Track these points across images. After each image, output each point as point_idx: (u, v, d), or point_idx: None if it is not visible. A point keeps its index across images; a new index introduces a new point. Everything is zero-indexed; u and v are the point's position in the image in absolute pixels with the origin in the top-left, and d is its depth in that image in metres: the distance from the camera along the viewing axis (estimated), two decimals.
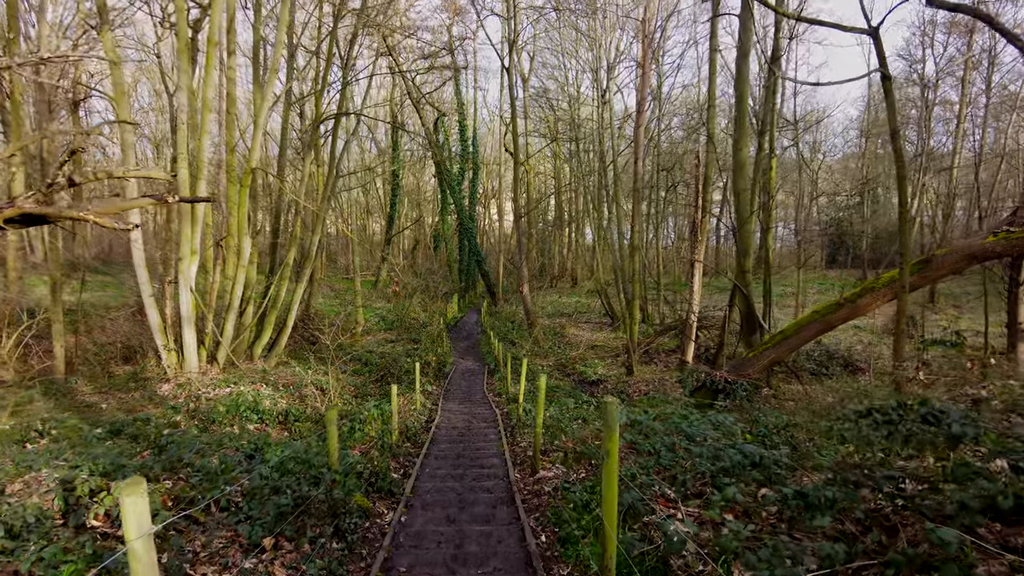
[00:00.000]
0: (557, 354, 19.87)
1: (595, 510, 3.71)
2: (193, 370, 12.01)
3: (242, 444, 5.59)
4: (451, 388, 13.59)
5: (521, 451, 7.20)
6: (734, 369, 8.53)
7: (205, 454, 4.79)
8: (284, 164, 17.65)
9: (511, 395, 11.51)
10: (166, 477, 4.07)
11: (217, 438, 6.26)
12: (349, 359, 18.71)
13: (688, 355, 14.76)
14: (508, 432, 8.28)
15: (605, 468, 2.68)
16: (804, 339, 8.39)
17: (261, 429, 9.19)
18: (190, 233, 11.19)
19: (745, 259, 9.46)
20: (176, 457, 4.40)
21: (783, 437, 4.29)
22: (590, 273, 46.79)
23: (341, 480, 4.31)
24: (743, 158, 9.45)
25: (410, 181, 48.02)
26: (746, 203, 9.53)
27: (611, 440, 2.62)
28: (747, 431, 4.60)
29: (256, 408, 9.56)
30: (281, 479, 3.99)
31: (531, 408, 8.88)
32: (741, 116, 9.47)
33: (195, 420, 8.78)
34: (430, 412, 10.30)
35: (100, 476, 3.56)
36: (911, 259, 7.63)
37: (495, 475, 5.99)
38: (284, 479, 3.98)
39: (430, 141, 30.33)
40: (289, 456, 4.44)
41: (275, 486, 3.88)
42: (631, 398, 12.46)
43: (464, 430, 8.60)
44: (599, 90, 26.89)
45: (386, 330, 26.27)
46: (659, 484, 3.54)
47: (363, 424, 7.53)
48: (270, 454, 4.66)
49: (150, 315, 11.76)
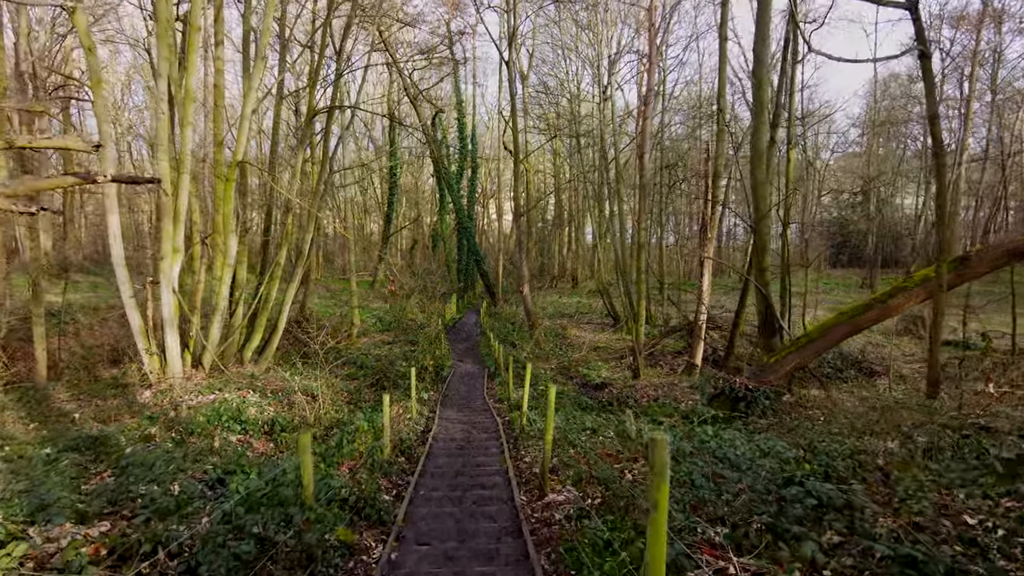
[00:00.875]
0: (559, 356, 19.24)
1: (622, 554, 3.08)
2: (176, 375, 11.34)
3: (210, 467, 4.93)
4: (449, 393, 12.95)
5: (526, 467, 6.56)
6: (755, 375, 7.91)
7: (164, 481, 4.14)
8: (276, 160, 16.99)
9: (513, 401, 10.87)
10: (108, 513, 3.43)
11: (188, 455, 5.61)
12: (343, 362, 18.05)
13: (697, 357, 14.15)
14: (511, 444, 7.64)
15: (652, 522, 2.05)
16: (830, 342, 7.77)
17: (244, 441, 8.54)
18: (172, 230, 10.53)
19: (763, 256, 8.84)
20: (124, 488, 3.75)
21: (848, 466, 3.62)
22: (591, 273, 46.18)
23: (318, 516, 3.67)
24: (761, 148, 8.84)
25: (408, 180, 47.38)
26: (765, 196, 8.91)
27: (660, 489, 2.00)
28: (804, 458, 3.95)
29: (239, 417, 8.91)
30: (247, 516, 3.36)
31: (536, 418, 8.25)
32: (760, 104, 8.85)
33: (172, 431, 8.12)
34: (427, 421, 9.66)
35: (20, 519, 2.93)
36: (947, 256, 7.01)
37: (498, 498, 5.35)
38: (250, 517, 3.35)
39: (427, 137, 29.69)
40: (256, 489, 3.79)
41: (238, 525, 3.25)
42: (639, 404, 11.82)
43: (463, 442, 7.96)
44: (600, 85, 26.28)
45: (383, 331, 25.61)
46: (702, 526, 2.92)
47: (353, 438, 6.88)
48: (236, 484, 4.01)
49: (131, 317, 11.07)
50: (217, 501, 3.80)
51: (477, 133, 38.14)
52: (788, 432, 5.55)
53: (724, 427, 7.40)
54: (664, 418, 8.36)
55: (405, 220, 44.96)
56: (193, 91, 10.32)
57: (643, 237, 14.23)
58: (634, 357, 14.82)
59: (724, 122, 13.22)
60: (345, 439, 6.79)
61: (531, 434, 7.82)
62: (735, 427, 6.66)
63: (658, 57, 17.84)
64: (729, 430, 5.89)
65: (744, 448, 4.35)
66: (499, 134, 38.80)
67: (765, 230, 9.05)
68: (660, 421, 8.29)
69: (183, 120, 10.31)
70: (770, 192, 9.04)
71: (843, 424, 5.54)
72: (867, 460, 3.55)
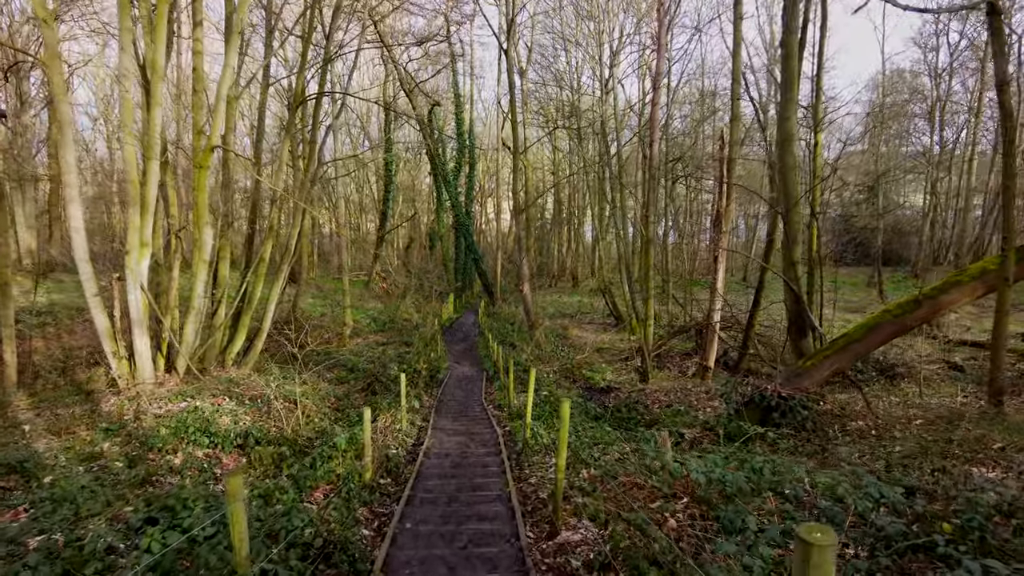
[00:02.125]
0: (561, 358, 18.32)
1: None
2: (147, 380, 10.38)
3: (141, 505, 3.96)
4: (445, 399, 12.01)
5: (531, 490, 5.63)
6: (787, 380, 6.99)
7: (75, 527, 3.19)
8: (261, 150, 16.04)
9: (514, 409, 9.94)
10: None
11: (127, 481, 4.66)
12: (333, 364, 17.11)
13: (710, 359, 13.25)
14: (513, 461, 6.70)
15: None
16: (873, 344, 6.87)
17: (212, 456, 7.59)
18: (139, 221, 9.57)
19: (794, 248, 7.91)
20: (19, 538, 2.81)
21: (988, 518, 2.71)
22: (591, 272, 45.29)
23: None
24: (791, 129, 7.91)
25: (405, 178, 46.43)
26: (794, 183, 7.98)
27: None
28: (935, 512, 3.01)
29: (208, 429, 7.95)
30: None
31: (542, 431, 7.31)
32: (789, 78, 7.91)
33: (129, 446, 7.17)
34: (418, 432, 8.72)
35: None
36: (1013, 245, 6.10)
37: (500, 534, 4.42)
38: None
39: (423, 132, 28.74)
40: (174, 550, 2.85)
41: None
42: (650, 410, 10.90)
43: (459, 457, 7.02)
44: (601, 77, 25.39)
45: (377, 332, 24.67)
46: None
47: (330, 456, 5.93)
48: (151, 539, 3.05)
49: (96, 318, 10.10)
50: (134, 556, 2.85)
51: (475, 130, 37.18)
52: (840, 452, 4.62)
53: (758, 443, 6.49)
54: (685, 429, 7.44)
55: (402, 219, 44.00)
56: (161, 68, 9.35)
57: (650, 231, 13.30)
58: (642, 359, 13.90)
59: (739, 108, 12.31)
60: (320, 458, 5.84)
61: (536, 449, 6.89)
62: (780, 446, 5.75)
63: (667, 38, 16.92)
64: (780, 454, 4.99)
65: (823, 483, 3.42)
66: (497, 131, 37.87)
67: (796, 219, 8.11)
68: (681, 433, 7.37)
69: (151, 100, 9.36)
70: (799, 178, 8.14)
71: (909, 443, 4.65)
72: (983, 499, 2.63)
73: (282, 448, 8.22)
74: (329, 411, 11.33)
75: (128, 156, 9.03)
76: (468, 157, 35.06)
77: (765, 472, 3.82)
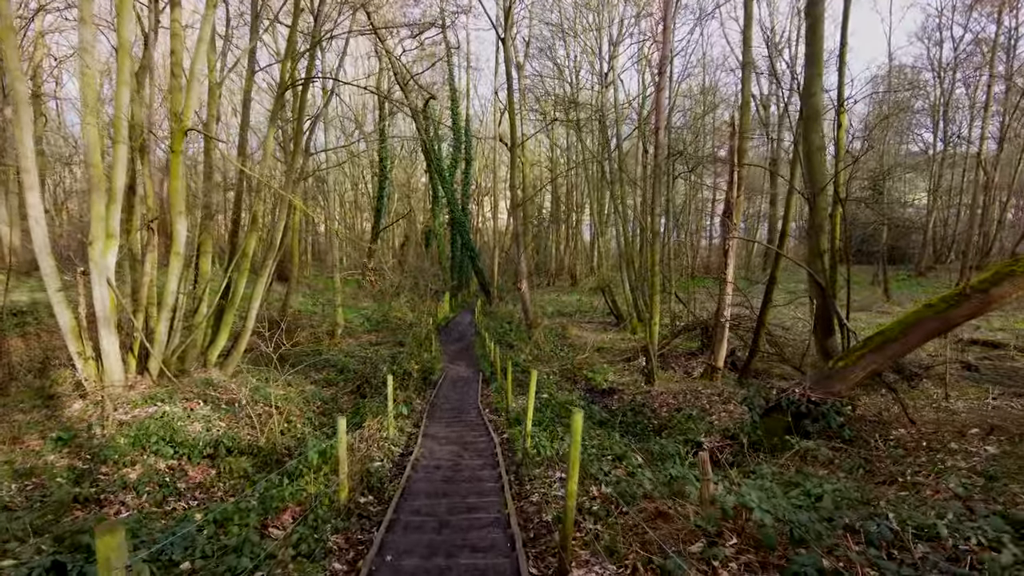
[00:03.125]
0: (561, 358, 17.59)
1: None
2: (116, 383, 9.57)
3: (49, 544, 3.19)
4: (438, 402, 11.26)
5: (534, 511, 4.89)
6: (818, 384, 6.28)
7: None
8: (247, 140, 15.22)
9: (512, 413, 9.19)
10: None
11: (54, 505, 3.89)
12: (323, 365, 16.33)
13: (719, 359, 12.54)
14: (513, 476, 5.96)
15: None
16: (912, 343, 6.15)
17: (177, 468, 6.82)
18: (103, 209, 8.78)
19: (820, 237, 7.16)
20: None
21: None
22: (589, 271, 44.57)
23: None
24: (816, 105, 7.16)
25: (400, 176, 45.63)
26: (821, 165, 7.25)
27: None
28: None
29: (173, 437, 7.18)
30: None
31: (543, 439, 6.57)
32: (814, 51, 7.15)
33: (79, 458, 6.39)
34: (408, 439, 7.96)
35: None
36: None
37: (498, 571, 3.67)
38: None
39: (418, 126, 27.96)
40: None
41: None
42: (658, 414, 10.18)
43: (451, 470, 6.27)
44: (601, 71, 24.69)
45: (370, 331, 23.91)
46: None
47: (302, 471, 5.16)
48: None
49: (59, 315, 9.28)
50: None
51: (471, 127, 36.35)
52: (889, 469, 3.89)
53: (787, 455, 5.77)
54: (704, 438, 6.71)
55: (397, 215, 43.20)
56: (128, 43, 8.57)
57: (656, 225, 12.59)
58: (647, 360, 13.18)
59: (750, 92, 11.61)
60: (291, 474, 5.07)
61: (537, 460, 6.14)
62: (818, 458, 5.03)
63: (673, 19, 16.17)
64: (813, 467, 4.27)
65: (913, 520, 2.70)
66: (494, 127, 37.07)
67: (823, 205, 7.37)
68: (698, 442, 6.64)
69: (118, 77, 8.57)
70: (825, 161, 7.42)
71: (978, 461, 3.94)
72: None
73: (256, 459, 7.46)
74: (314, 415, 10.57)
75: (90, 137, 8.24)
76: (465, 153, 34.28)
77: (826, 500, 3.10)
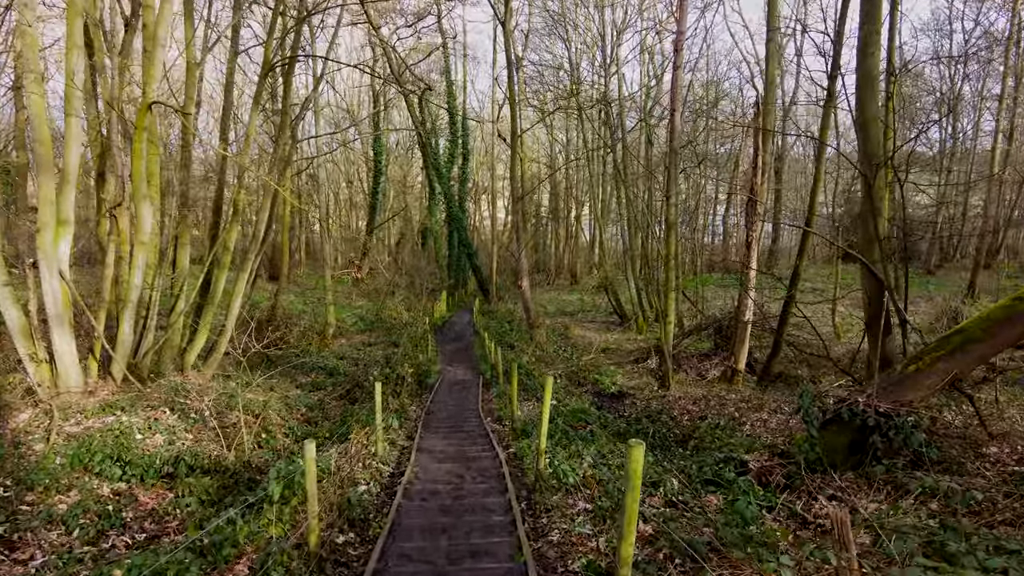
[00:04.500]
0: (565, 360, 16.58)
1: None
2: (73, 388, 8.51)
3: None
4: (435, 409, 10.22)
5: (556, 558, 3.86)
6: (885, 391, 5.29)
7: None
8: (229, 124, 14.15)
9: (518, 423, 8.17)
10: None
11: None
12: (311, 368, 15.28)
13: (740, 360, 11.56)
14: (525, 505, 4.94)
15: None
16: (1003, 342, 5.16)
17: (126, 493, 5.76)
18: (54, 193, 7.71)
19: (877, 222, 6.16)
20: None
21: None
22: (589, 269, 43.55)
23: None
24: (873, 67, 6.16)
25: (396, 174, 44.54)
26: (877, 138, 6.25)
27: None
28: None
29: (122, 455, 6.11)
30: None
31: (563, 462, 5.53)
32: (872, 5, 6.14)
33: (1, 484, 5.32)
34: (400, 455, 6.91)
35: None
36: None
37: None
38: None
39: (413, 118, 26.91)
40: None
41: None
42: (679, 423, 9.16)
43: (451, 496, 5.23)
44: (605, 59, 23.72)
45: (364, 331, 22.84)
46: None
47: (261, 506, 4.11)
48: None
49: (6, 312, 8.22)
50: None
51: (468, 123, 35.24)
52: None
53: (853, 479, 4.77)
54: (747, 455, 5.70)
55: (392, 212, 42.10)
56: (79, 3, 7.49)
57: (673, 214, 11.59)
58: (661, 361, 12.19)
59: (774, 71, 10.63)
60: (248, 508, 4.03)
61: (554, 485, 5.12)
62: (909, 487, 4.03)
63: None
64: (901, 497, 3.27)
65: None
66: (493, 122, 35.97)
67: (881, 184, 6.41)
68: (742, 460, 5.62)
69: (68, 40, 7.50)
70: (881, 132, 6.43)
71: None
72: None
73: (223, 478, 6.41)
74: (297, 424, 9.52)
75: (34, 108, 7.17)
76: (462, 148, 33.22)
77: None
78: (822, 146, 10.95)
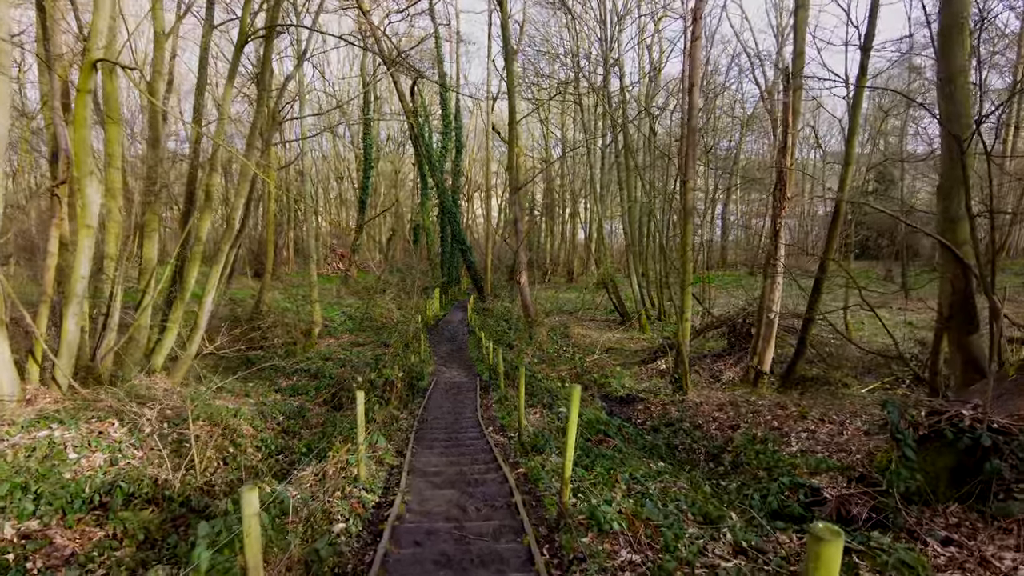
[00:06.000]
0: (567, 360, 15.50)
1: None
2: (7, 397, 7.28)
3: None
4: (429, 418, 9.07)
5: None
6: (998, 403, 4.26)
7: None
8: (203, 101, 12.90)
9: (526, 435, 7.05)
10: None
11: None
12: (292, 371, 14.07)
13: (766, 361, 10.53)
14: (548, 551, 3.82)
15: None
16: None
17: (38, 534, 4.57)
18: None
19: (963, 196, 5.12)
20: None
21: None
22: (586, 267, 42.52)
23: None
24: (961, 9, 5.17)
25: (387, 169, 43.29)
26: (965, 97, 5.22)
27: None
28: None
29: (41, 484, 4.91)
30: None
31: (587, 491, 4.42)
32: None
33: None
34: (388, 475, 5.76)
35: None
36: None
37: None
38: None
39: (404, 108, 25.69)
40: None
41: None
42: (707, 434, 8.09)
43: (452, 538, 4.09)
44: (606, 45, 22.65)
45: (352, 331, 21.60)
46: None
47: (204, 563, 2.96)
48: None
49: None
50: None
51: (461, 115, 34.04)
52: None
53: (972, 518, 3.70)
54: (815, 479, 4.62)
55: (382, 206, 40.83)
56: None
57: (691, 200, 10.53)
58: (677, 362, 11.12)
59: (803, 42, 9.60)
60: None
61: (585, 522, 4.00)
62: None
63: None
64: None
65: None
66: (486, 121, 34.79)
67: (970, 151, 5.36)
68: (815, 488, 4.53)
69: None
70: (969, 89, 5.41)
71: None
72: None
73: (168, 510, 5.23)
74: (271, 436, 8.32)
75: None
76: (455, 140, 32.04)
77: None
78: (853, 124, 9.92)
